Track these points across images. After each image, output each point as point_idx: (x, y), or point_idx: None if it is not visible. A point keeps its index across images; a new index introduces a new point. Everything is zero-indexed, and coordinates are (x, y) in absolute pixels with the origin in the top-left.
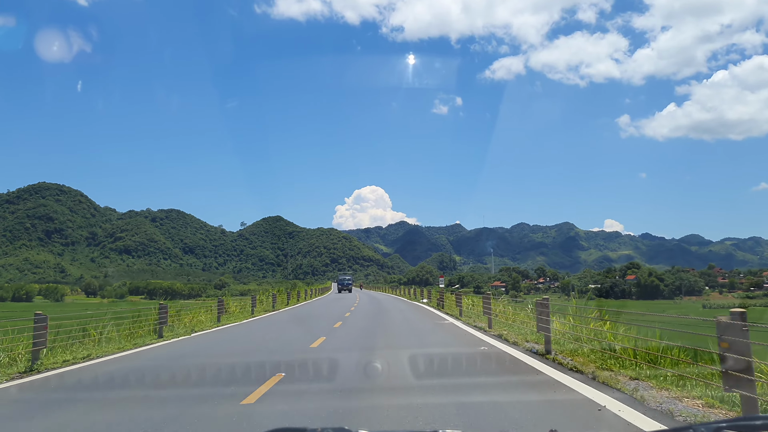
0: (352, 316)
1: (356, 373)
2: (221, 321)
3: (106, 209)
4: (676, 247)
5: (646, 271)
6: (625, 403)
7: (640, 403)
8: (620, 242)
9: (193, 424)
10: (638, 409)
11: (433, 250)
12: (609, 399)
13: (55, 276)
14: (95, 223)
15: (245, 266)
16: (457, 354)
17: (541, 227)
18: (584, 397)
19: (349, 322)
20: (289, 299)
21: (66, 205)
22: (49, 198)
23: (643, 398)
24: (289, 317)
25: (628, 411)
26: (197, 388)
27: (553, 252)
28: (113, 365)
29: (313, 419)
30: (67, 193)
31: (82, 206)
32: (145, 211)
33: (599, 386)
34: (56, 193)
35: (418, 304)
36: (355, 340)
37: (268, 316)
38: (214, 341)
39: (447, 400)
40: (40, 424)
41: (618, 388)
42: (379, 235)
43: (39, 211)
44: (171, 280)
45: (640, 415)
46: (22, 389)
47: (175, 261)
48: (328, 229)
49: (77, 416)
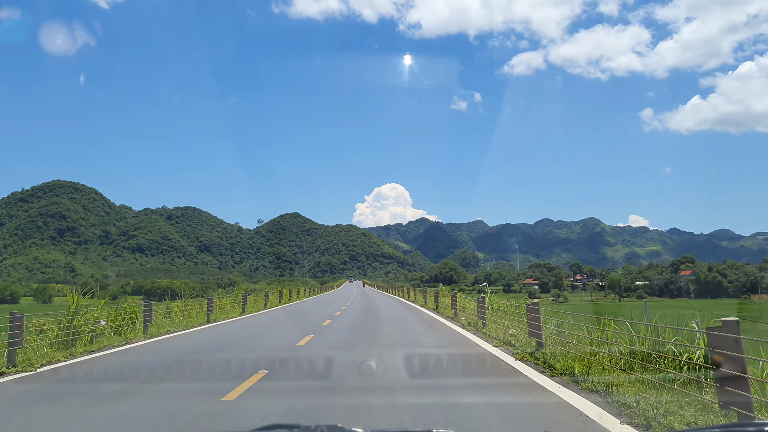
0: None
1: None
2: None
3: (122, 207)
4: (706, 242)
5: (705, 266)
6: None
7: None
8: (647, 238)
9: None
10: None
11: (454, 247)
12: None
13: (65, 275)
14: (109, 221)
15: (262, 264)
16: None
17: (566, 223)
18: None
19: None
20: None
21: (80, 203)
22: (62, 196)
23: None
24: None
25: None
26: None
27: (578, 248)
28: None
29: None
30: (81, 190)
31: (96, 204)
32: (161, 208)
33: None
34: (70, 191)
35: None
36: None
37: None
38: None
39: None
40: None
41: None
42: (399, 233)
43: (51, 209)
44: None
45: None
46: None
47: (189, 259)
48: (347, 225)
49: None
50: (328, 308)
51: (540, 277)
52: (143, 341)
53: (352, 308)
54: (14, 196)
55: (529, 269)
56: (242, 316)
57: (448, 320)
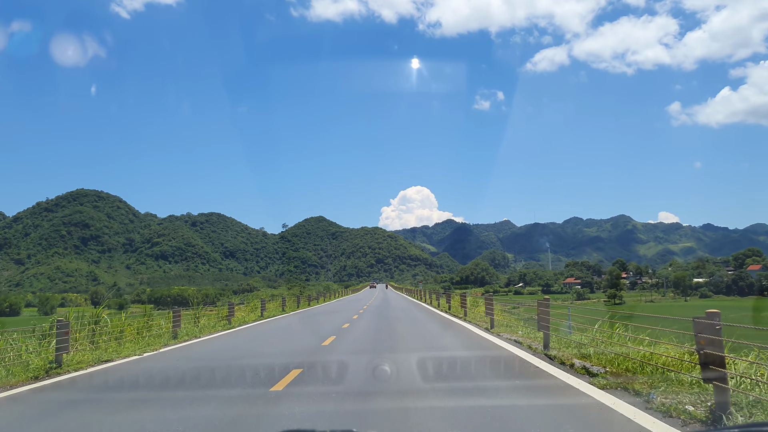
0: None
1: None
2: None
3: (147, 215)
4: (742, 238)
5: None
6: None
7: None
8: (680, 234)
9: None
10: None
11: (482, 248)
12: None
13: (87, 285)
14: (133, 229)
15: (287, 269)
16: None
17: (596, 221)
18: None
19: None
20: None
21: (104, 212)
22: (86, 205)
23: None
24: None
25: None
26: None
27: (609, 246)
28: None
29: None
30: (105, 199)
31: (120, 212)
32: (185, 215)
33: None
34: (94, 199)
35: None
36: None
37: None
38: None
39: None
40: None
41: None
42: (425, 235)
43: (75, 218)
44: (208, 285)
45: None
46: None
47: (214, 266)
48: (372, 228)
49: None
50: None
51: (582, 276)
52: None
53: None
54: (39, 206)
55: (566, 268)
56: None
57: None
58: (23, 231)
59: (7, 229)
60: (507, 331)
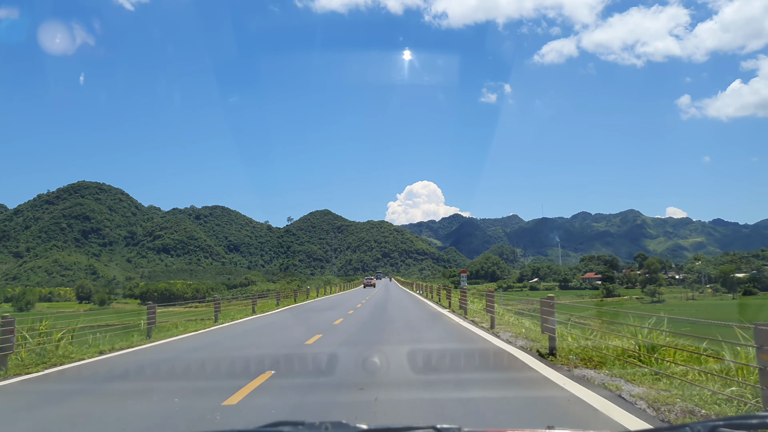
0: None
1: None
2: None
3: (150, 208)
4: (753, 233)
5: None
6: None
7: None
8: (690, 229)
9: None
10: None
11: (489, 243)
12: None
13: (85, 278)
14: (136, 222)
15: (292, 263)
16: None
17: (604, 216)
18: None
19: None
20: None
21: (105, 204)
22: (88, 197)
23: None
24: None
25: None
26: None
27: (618, 241)
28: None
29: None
30: (106, 191)
31: (122, 205)
32: (189, 208)
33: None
34: (96, 191)
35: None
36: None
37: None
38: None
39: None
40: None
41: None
42: (432, 230)
43: (75, 210)
44: (210, 279)
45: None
46: None
47: (217, 259)
48: (378, 221)
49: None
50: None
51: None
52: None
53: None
54: (40, 198)
55: (581, 263)
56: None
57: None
58: (23, 224)
59: (8, 221)
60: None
